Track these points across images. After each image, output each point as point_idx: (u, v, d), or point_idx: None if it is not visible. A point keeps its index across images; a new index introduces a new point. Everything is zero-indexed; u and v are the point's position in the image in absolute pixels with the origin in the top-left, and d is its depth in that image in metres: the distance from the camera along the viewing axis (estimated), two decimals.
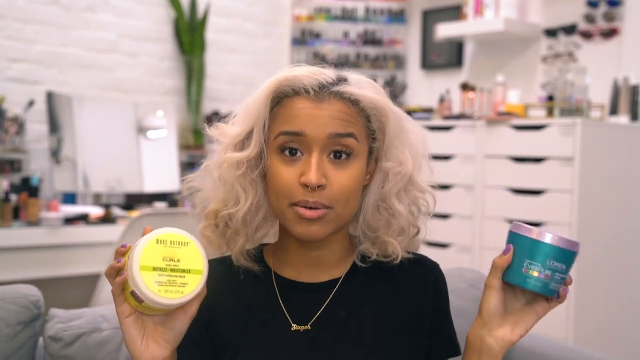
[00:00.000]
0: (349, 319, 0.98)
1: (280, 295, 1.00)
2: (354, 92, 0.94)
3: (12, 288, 1.24)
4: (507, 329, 0.93)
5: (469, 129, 3.13)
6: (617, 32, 3.30)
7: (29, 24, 3.35)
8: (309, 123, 0.92)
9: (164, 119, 3.65)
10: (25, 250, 2.67)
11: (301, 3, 4.29)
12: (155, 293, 0.84)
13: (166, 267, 0.86)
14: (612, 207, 2.87)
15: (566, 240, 0.93)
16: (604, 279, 2.83)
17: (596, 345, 2.70)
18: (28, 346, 1.21)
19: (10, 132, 3.11)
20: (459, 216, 3.13)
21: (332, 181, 0.92)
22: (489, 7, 3.55)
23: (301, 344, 0.97)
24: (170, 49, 3.88)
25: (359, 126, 0.95)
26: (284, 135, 0.93)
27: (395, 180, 0.97)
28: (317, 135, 0.92)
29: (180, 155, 3.77)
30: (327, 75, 0.95)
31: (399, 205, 0.98)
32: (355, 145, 0.94)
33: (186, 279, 0.86)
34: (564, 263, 0.92)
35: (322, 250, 1.00)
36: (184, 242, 0.88)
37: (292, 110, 0.94)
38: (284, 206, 0.93)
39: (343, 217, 0.95)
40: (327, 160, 0.93)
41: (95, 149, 3.34)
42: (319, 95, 0.93)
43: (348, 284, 1.01)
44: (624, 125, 3.00)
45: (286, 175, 0.93)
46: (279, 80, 0.95)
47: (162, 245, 0.87)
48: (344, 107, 0.94)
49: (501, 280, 0.93)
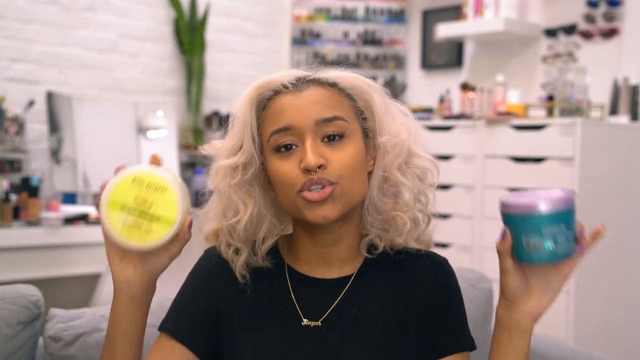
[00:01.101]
0: (360, 317, 0.99)
1: (292, 289, 1.01)
2: (330, 76, 0.98)
3: (12, 288, 1.24)
4: (534, 302, 0.92)
5: (469, 129, 3.13)
6: (617, 32, 3.30)
7: (28, 24, 3.35)
8: (294, 114, 0.94)
9: (164, 119, 3.65)
10: (25, 250, 2.67)
11: (301, 3, 4.29)
12: (117, 233, 0.82)
13: (135, 208, 0.82)
14: (612, 207, 2.87)
15: (556, 199, 0.87)
16: (604, 278, 2.83)
17: (596, 345, 2.70)
18: (28, 346, 1.21)
19: (10, 132, 3.11)
20: (459, 216, 3.13)
21: (331, 160, 0.93)
22: (489, 7, 3.55)
23: (311, 340, 0.97)
24: (170, 49, 3.88)
25: (344, 107, 0.97)
26: (275, 134, 0.95)
27: (394, 152, 0.98)
28: (305, 124, 0.94)
29: (180, 155, 3.77)
30: (303, 72, 1.00)
31: (402, 178, 0.99)
32: (346, 125, 0.95)
33: (153, 227, 0.82)
34: (562, 223, 0.87)
35: (335, 247, 1.00)
36: (162, 187, 0.83)
37: (276, 108, 0.96)
38: (292, 196, 0.94)
39: (352, 194, 0.95)
40: (321, 144, 0.95)
41: (95, 149, 3.34)
42: (297, 86, 0.97)
43: (359, 281, 1.01)
44: (624, 125, 3.00)
45: (286, 167, 0.94)
46: (257, 85, 0.98)
47: (138, 185, 0.83)
48: (325, 91, 0.97)
49: (512, 260, 0.90)
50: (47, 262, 2.70)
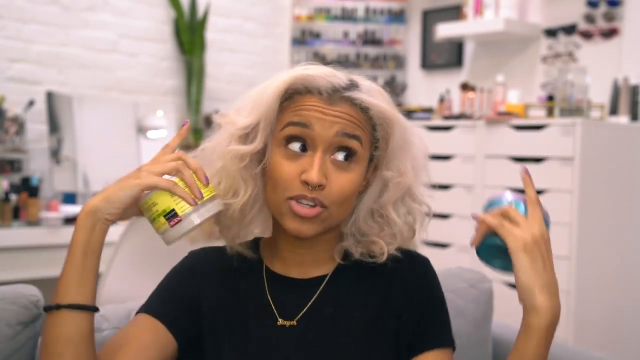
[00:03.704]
0: (336, 315, 0.99)
1: (268, 289, 1.01)
2: (366, 100, 0.95)
3: (12, 288, 1.24)
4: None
5: (469, 129, 3.13)
6: (617, 32, 3.30)
7: (28, 24, 3.35)
8: (318, 119, 0.93)
9: (164, 119, 3.65)
10: (25, 250, 2.67)
11: (301, 3, 4.29)
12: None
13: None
14: (612, 207, 2.87)
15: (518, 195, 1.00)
16: (604, 278, 2.83)
17: (596, 345, 2.70)
18: (28, 346, 1.21)
19: (10, 132, 3.11)
20: (459, 216, 3.13)
21: (332, 182, 0.93)
22: (489, 7, 3.55)
23: (287, 339, 0.97)
24: (170, 49, 3.88)
25: (365, 132, 0.96)
26: (292, 126, 0.94)
27: (395, 190, 0.98)
28: (324, 132, 0.93)
29: None
30: (340, 79, 0.96)
31: (394, 214, 0.99)
32: (359, 149, 0.95)
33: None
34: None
35: (314, 249, 1.01)
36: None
37: (302, 105, 0.95)
38: (280, 200, 0.94)
39: (334, 219, 0.96)
40: (329, 160, 0.94)
41: (95, 149, 3.34)
42: (331, 97, 0.95)
43: (336, 280, 1.01)
44: (624, 125, 3.00)
45: (287, 169, 0.93)
46: (293, 77, 0.95)
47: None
48: (354, 112, 0.95)
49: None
50: (47, 262, 2.70)
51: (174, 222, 0.88)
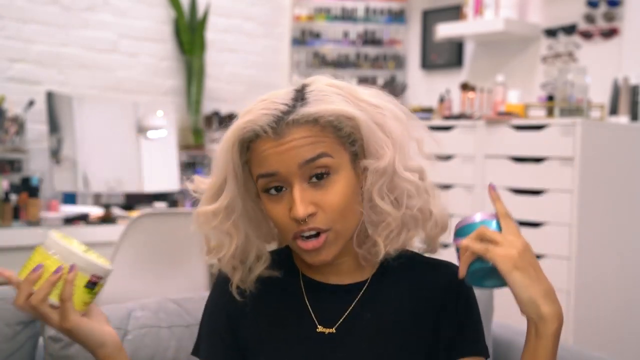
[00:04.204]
0: (374, 322, 0.98)
1: (306, 297, 1.01)
2: (310, 112, 0.91)
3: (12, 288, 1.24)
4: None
5: (469, 129, 3.13)
6: (617, 32, 3.30)
7: (28, 24, 3.35)
8: (277, 161, 0.91)
9: (164, 119, 3.65)
10: (25, 250, 2.66)
11: (301, 3, 4.29)
12: (102, 263, 0.99)
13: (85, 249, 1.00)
14: (612, 207, 2.87)
15: (487, 214, 0.98)
16: (604, 279, 2.83)
17: (596, 345, 2.70)
18: (28, 346, 1.21)
19: (10, 132, 3.11)
20: (459, 216, 3.11)
21: (321, 204, 0.92)
22: (489, 7, 3.55)
23: (326, 347, 0.97)
24: (170, 49, 3.88)
25: (327, 141, 0.92)
26: (262, 178, 0.94)
27: (375, 176, 0.94)
28: (290, 170, 0.91)
29: (180, 155, 3.77)
30: (281, 104, 0.92)
31: (381, 203, 0.95)
32: (330, 161, 0.92)
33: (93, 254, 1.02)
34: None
35: (344, 257, 1.00)
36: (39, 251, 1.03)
37: (258, 153, 0.93)
38: (288, 240, 0.96)
39: (346, 232, 0.95)
40: (309, 186, 0.92)
41: (95, 149, 3.34)
42: (277, 131, 0.91)
43: (374, 286, 1.01)
44: (624, 125, 3.00)
45: (278, 213, 0.94)
46: (237, 128, 0.93)
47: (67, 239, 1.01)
48: (306, 132, 0.91)
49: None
50: None
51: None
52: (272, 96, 0.94)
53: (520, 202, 2.91)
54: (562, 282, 2.72)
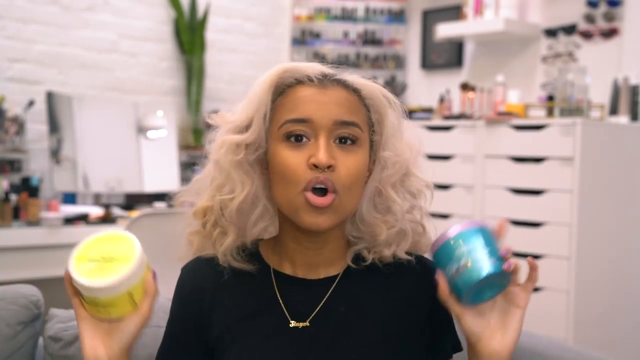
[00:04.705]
0: (348, 315, 0.98)
1: (279, 291, 1.00)
2: (355, 81, 0.97)
3: (12, 288, 1.24)
4: (497, 340, 0.91)
5: (469, 129, 3.13)
6: (617, 32, 3.30)
7: (29, 24, 3.35)
8: (315, 109, 0.93)
9: (164, 119, 3.65)
10: (25, 250, 2.67)
11: (301, 3, 4.29)
12: (81, 277, 0.87)
13: (100, 258, 0.89)
14: (612, 207, 2.87)
15: (461, 224, 0.91)
16: (604, 279, 2.83)
17: (596, 345, 2.70)
18: (28, 346, 1.21)
19: (10, 132, 3.11)
20: (459, 216, 3.13)
21: (340, 164, 0.92)
22: (489, 7, 3.55)
23: (300, 341, 0.96)
24: (170, 49, 3.88)
25: (361, 116, 0.96)
26: (290, 123, 0.93)
27: (393, 169, 0.98)
28: (324, 121, 0.93)
29: (180, 155, 3.77)
30: (327, 67, 0.98)
31: (394, 195, 0.98)
32: (360, 133, 0.95)
33: (115, 266, 0.89)
34: (473, 242, 0.89)
35: (321, 249, 1.00)
36: (121, 239, 0.92)
37: (296, 97, 0.95)
38: (294, 194, 0.92)
39: (347, 207, 0.95)
40: (334, 145, 0.94)
41: (95, 149, 3.34)
42: (322, 82, 0.95)
43: (347, 280, 1.01)
44: (624, 125, 3.00)
45: (294, 160, 0.92)
46: (283, 69, 0.96)
47: (101, 242, 0.91)
48: (347, 95, 0.96)
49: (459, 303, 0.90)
50: (47, 262, 2.70)
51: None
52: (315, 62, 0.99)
53: (520, 202, 2.91)
54: (562, 282, 2.72)
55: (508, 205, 2.95)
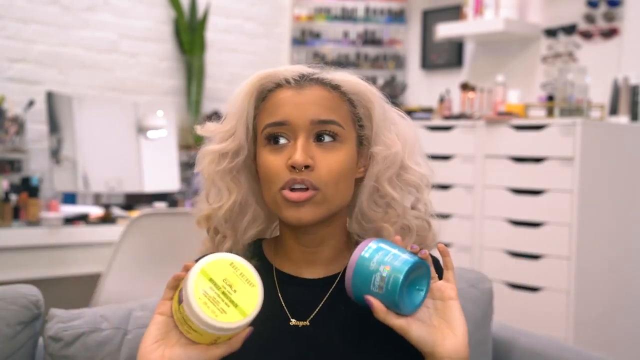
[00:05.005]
0: (348, 315, 0.98)
1: (279, 290, 1.01)
2: (334, 77, 0.98)
3: (12, 288, 1.24)
4: (450, 338, 0.90)
5: (469, 129, 3.13)
6: (617, 32, 3.30)
7: (29, 24, 3.35)
8: (291, 110, 0.95)
9: (164, 119, 3.65)
10: (25, 250, 2.67)
11: (301, 3, 4.29)
12: (194, 299, 0.81)
13: (221, 287, 0.83)
14: (612, 207, 2.87)
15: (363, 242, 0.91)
16: (604, 279, 2.83)
17: (596, 345, 2.70)
18: (28, 346, 1.21)
19: (10, 132, 3.11)
20: (459, 216, 3.13)
21: (319, 163, 0.93)
22: (489, 7, 3.55)
23: (300, 340, 0.97)
24: (170, 49, 3.88)
25: (341, 112, 0.97)
26: (270, 127, 0.95)
27: (385, 164, 0.98)
28: (300, 121, 0.94)
29: (180, 155, 3.76)
30: (307, 69, 0.99)
31: (392, 191, 0.99)
32: (340, 131, 0.95)
33: (229, 310, 0.83)
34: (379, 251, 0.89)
35: (319, 247, 1.00)
36: (251, 282, 0.85)
37: (275, 101, 0.97)
38: (274, 192, 0.94)
39: (333, 201, 0.95)
40: (313, 144, 0.95)
41: (95, 149, 3.34)
42: (299, 83, 0.97)
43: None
44: (624, 125, 3.00)
45: (274, 162, 0.94)
46: (260, 76, 0.99)
47: (233, 269, 0.85)
48: (325, 93, 0.96)
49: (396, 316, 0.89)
50: (47, 262, 2.70)
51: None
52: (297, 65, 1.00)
53: (520, 202, 2.91)
54: (562, 282, 2.72)
55: (508, 205, 2.96)
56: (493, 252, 2.99)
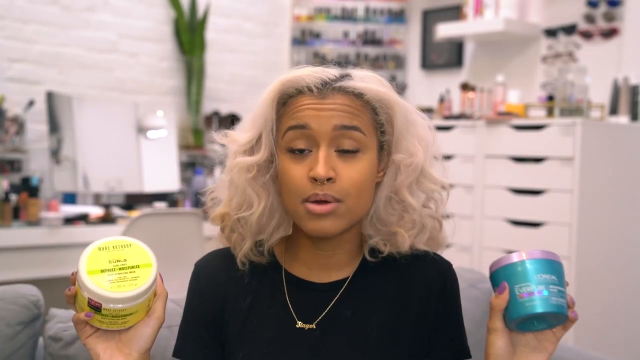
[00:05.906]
0: (355, 319, 0.98)
1: (287, 292, 1.01)
2: (357, 86, 0.95)
3: (12, 288, 1.24)
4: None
5: (469, 129, 3.13)
6: (617, 32, 3.30)
7: (29, 24, 3.35)
8: (313, 117, 0.93)
9: (164, 119, 3.65)
10: (25, 250, 2.67)
11: (301, 3, 4.29)
12: (109, 290, 0.85)
13: (114, 267, 0.87)
14: (612, 207, 2.87)
15: (544, 252, 0.91)
16: (604, 279, 2.83)
17: (596, 345, 2.70)
18: (28, 346, 1.21)
19: (10, 132, 3.11)
20: (459, 216, 3.13)
21: (341, 175, 0.92)
22: (489, 7, 3.55)
23: (305, 342, 0.97)
24: (170, 49, 3.89)
25: (364, 119, 0.95)
26: (291, 131, 0.94)
27: (406, 172, 0.98)
28: (322, 128, 0.92)
29: (180, 155, 3.77)
30: (330, 73, 0.96)
31: (411, 198, 0.98)
32: (362, 138, 0.94)
33: (137, 273, 0.87)
34: (553, 274, 0.90)
35: (334, 251, 1.00)
36: (126, 245, 0.90)
37: (296, 107, 0.95)
38: (296, 204, 0.93)
39: (355, 212, 0.95)
40: (335, 154, 0.93)
41: (95, 149, 3.34)
42: (322, 91, 0.94)
43: (356, 283, 1.01)
44: (624, 125, 3.00)
45: (296, 172, 0.93)
46: (282, 82, 0.96)
47: (105, 251, 0.89)
48: (348, 101, 0.94)
49: (503, 321, 0.91)
50: (47, 262, 2.70)
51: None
52: (319, 67, 0.98)
53: (520, 202, 2.91)
54: None
55: (508, 205, 2.95)
56: (493, 252, 2.99)
